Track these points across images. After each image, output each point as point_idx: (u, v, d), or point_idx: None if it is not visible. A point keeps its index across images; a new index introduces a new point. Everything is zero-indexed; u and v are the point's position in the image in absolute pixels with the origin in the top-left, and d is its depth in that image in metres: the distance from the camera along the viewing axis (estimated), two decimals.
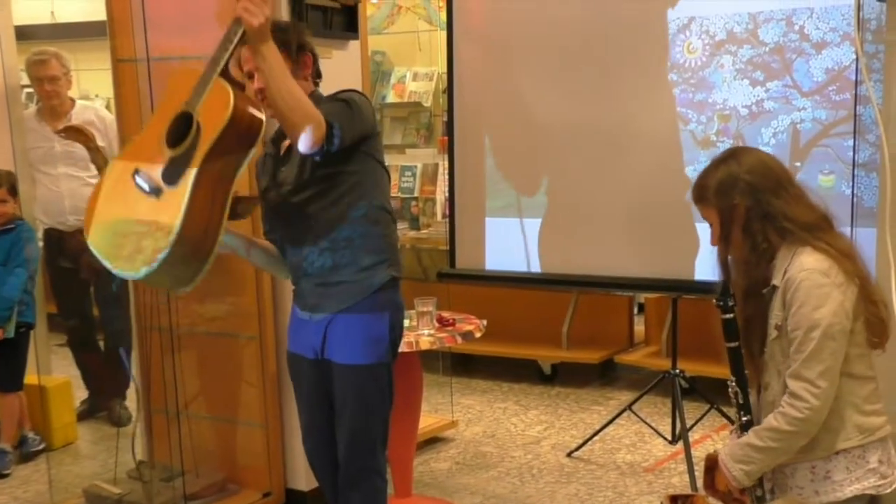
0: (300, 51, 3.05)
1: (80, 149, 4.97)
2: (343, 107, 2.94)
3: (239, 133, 2.68)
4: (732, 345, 2.56)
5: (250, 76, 2.99)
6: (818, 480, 2.48)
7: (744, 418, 2.58)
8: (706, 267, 5.16)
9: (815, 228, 2.47)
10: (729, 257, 2.59)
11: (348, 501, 3.24)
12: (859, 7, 2.87)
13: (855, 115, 3.23)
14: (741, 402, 2.58)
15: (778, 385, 2.50)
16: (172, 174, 2.65)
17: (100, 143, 4.47)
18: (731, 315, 2.54)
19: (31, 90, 5.96)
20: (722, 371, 5.54)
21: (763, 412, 2.56)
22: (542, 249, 5.76)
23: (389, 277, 3.08)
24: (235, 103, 2.64)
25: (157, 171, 2.68)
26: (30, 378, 5.03)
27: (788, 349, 2.44)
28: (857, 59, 2.80)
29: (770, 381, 2.54)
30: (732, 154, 2.58)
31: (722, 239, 2.54)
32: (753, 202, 2.47)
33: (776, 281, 2.47)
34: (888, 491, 2.46)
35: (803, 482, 2.50)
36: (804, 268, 2.41)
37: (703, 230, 5.11)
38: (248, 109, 2.72)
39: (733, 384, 2.58)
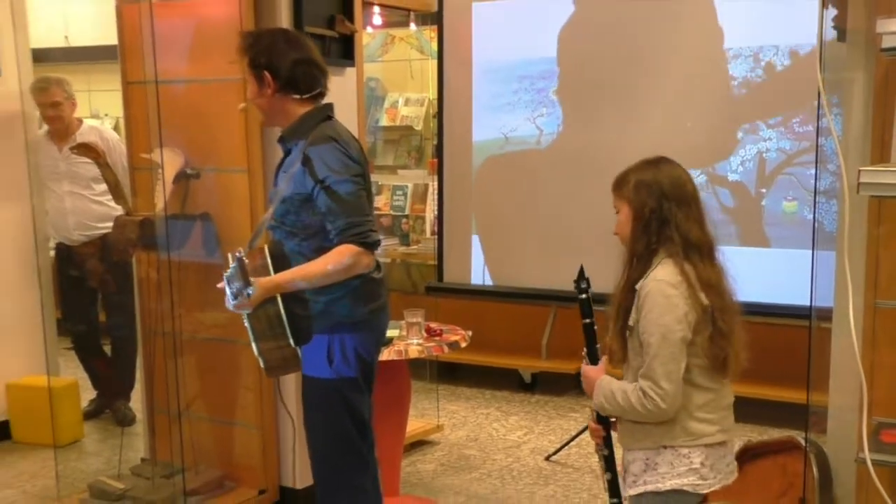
0: (259, 68, 3.01)
1: (83, 168, 5.01)
2: (346, 202, 2.90)
3: None
4: (587, 321, 2.71)
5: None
6: (649, 470, 2.56)
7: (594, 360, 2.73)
8: None
9: (694, 249, 2.52)
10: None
11: None
12: (822, 47, 2.90)
13: (817, 147, 3.25)
14: (591, 350, 2.73)
15: (630, 379, 2.56)
16: None
17: None
18: (586, 296, 2.67)
19: None
20: None
21: None
22: (524, 266, 5.80)
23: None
24: None
25: None
26: (39, 379, 5.03)
27: (640, 348, 2.50)
28: (819, 94, 2.82)
29: (626, 373, 2.60)
30: (657, 161, 2.61)
31: (632, 230, 2.57)
32: (658, 206, 2.51)
33: (638, 284, 2.52)
34: (704, 491, 2.53)
35: (637, 471, 2.58)
36: (657, 278, 2.48)
37: None
38: None
39: (584, 354, 2.75)
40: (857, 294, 2.96)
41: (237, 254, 2.72)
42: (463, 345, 4.27)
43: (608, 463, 2.73)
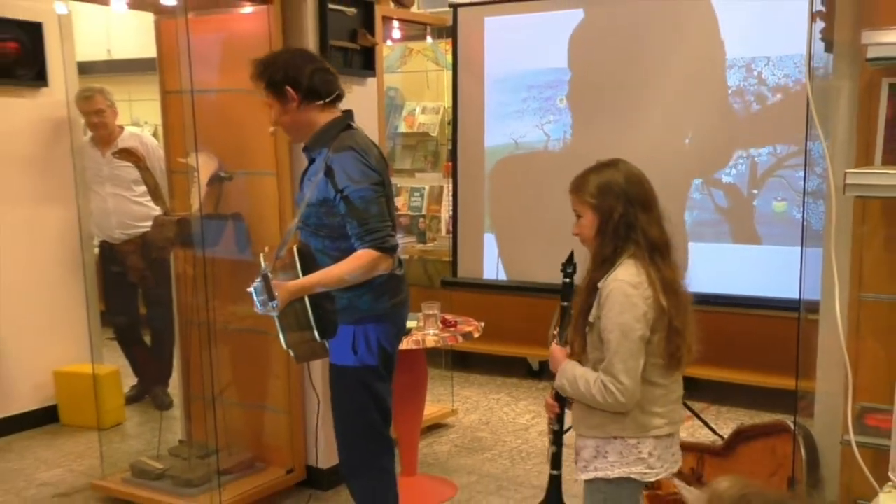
0: (279, 86, 2.99)
1: (124, 171, 5.03)
2: (365, 209, 2.91)
3: None
4: (565, 304, 2.65)
5: (269, 107, 3.05)
6: (599, 457, 2.54)
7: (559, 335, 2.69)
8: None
9: (656, 251, 2.48)
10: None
11: (351, 491, 3.28)
12: (811, 57, 2.90)
13: (806, 150, 3.24)
14: (564, 332, 2.67)
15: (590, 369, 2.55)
16: None
17: None
18: (569, 280, 2.63)
19: None
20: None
21: None
22: (532, 262, 5.79)
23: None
24: None
25: None
26: (84, 367, 5.06)
27: (598, 343, 2.48)
28: (808, 102, 2.82)
29: (585, 365, 2.57)
30: (615, 163, 2.55)
31: (597, 234, 2.51)
32: (626, 210, 2.46)
33: (600, 282, 2.48)
34: (651, 479, 2.52)
35: (588, 457, 2.56)
36: (618, 278, 2.44)
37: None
38: None
39: (555, 332, 2.70)
40: (843, 288, 2.95)
41: (262, 270, 2.73)
42: (476, 335, 4.28)
43: (557, 437, 2.73)
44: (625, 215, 2.46)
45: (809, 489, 3.28)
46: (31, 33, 5.09)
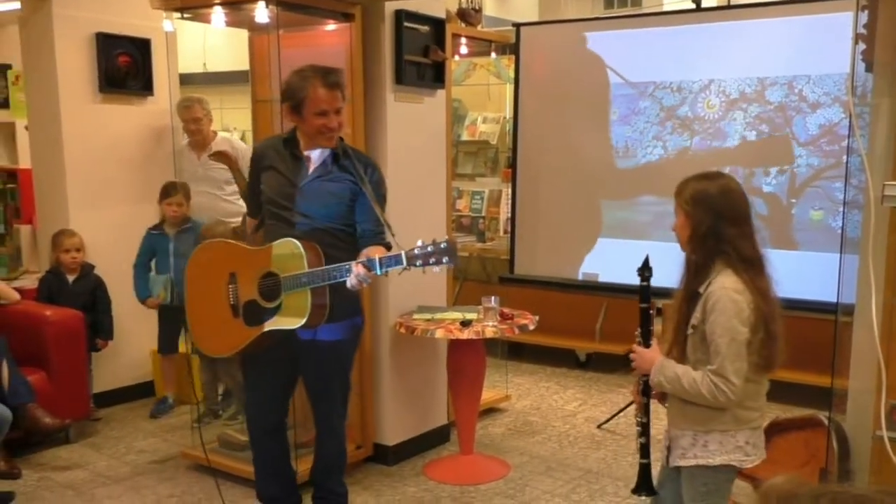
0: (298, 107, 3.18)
1: (216, 172, 5.10)
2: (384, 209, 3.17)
3: None
4: (644, 305, 2.63)
5: (337, 112, 3.14)
6: (697, 446, 2.52)
7: (647, 341, 2.64)
8: None
9: (749, 263, 2.44)
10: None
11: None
12: (853, 76, 2.84)
13: (847, 164, 3.18)
14: (643, 340, 2.65)
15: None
16: None
17: None
18: (647, 283, 2.61)
19: None
20: None
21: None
22: (582, 261, 5.76)
23: None
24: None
25: None
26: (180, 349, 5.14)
27: (700, 345, 2.45)
28: (850, 117, 2.76)
29: (682, 363, 2.54)
30: (714, 176, 2.52)
31: (689, 242, 2.52)
32: (714, 223, 2.44)
33: (700, 289, 2.46)
34: (747, 466, 2.50)
35: (686, 444, 2.54)
36: (724, 286, 2.40)
37: None
38: None
39: (637, 334, 2.66)
40: (878, 292, 2.89)
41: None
42: (532, 327, 4.23)
43: (644, 429, 2.69)
44: (712, 228, 2.44)
45: (840, 479, 3.22)
46: (141, 48, 5.19)
